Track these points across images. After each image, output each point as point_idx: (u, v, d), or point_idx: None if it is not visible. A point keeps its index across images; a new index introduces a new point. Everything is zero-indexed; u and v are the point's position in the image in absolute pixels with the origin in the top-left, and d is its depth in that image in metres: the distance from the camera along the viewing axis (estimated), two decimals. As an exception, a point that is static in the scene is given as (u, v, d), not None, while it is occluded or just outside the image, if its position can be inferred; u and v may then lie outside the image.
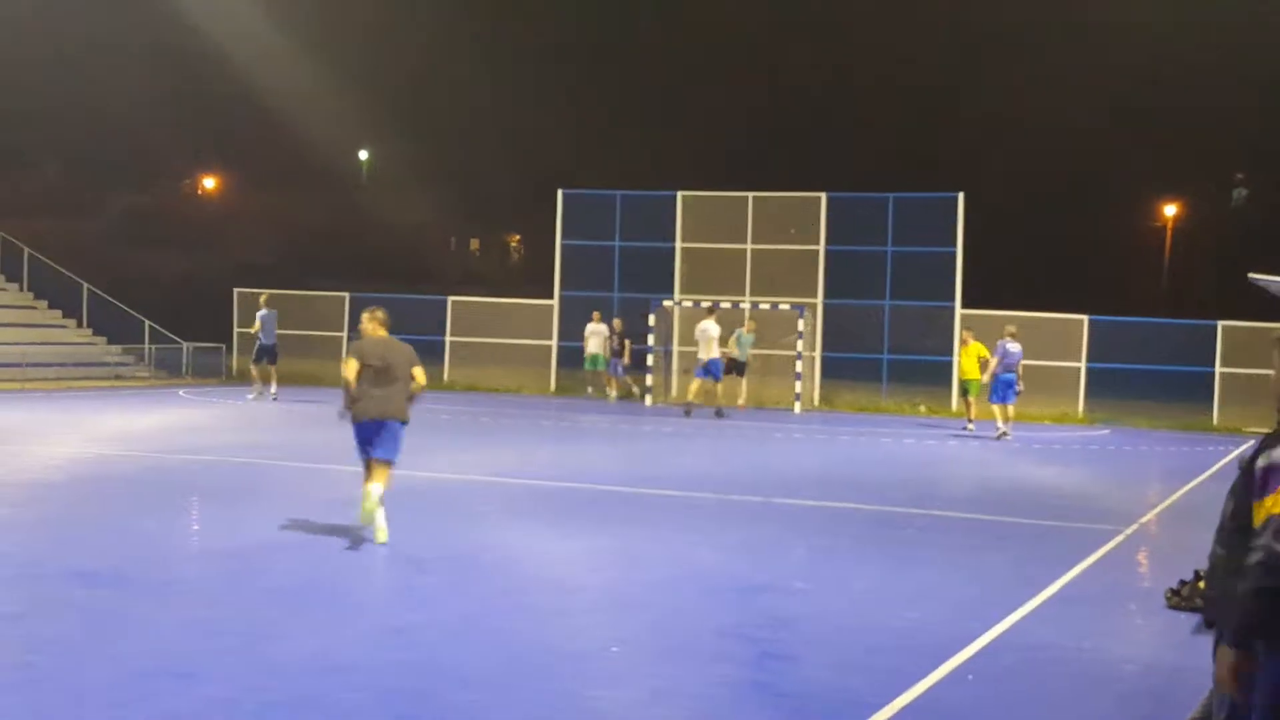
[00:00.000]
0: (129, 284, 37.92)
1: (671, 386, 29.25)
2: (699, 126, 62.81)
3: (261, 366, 25.91)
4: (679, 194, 29.83)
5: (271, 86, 52.31)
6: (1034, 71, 55.43)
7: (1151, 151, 55.82)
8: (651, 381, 28.61)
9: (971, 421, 23.08)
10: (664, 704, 6.47)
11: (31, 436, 17.93)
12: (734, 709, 6.48)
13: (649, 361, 28.69)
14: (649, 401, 28.33)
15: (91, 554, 9.81)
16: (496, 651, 7.31)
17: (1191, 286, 52.31)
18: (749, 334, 27.22)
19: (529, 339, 30.68)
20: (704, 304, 27.49)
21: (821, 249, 28.67)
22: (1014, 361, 21.86)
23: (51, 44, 52.56)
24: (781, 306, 28.15)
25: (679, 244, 29.60)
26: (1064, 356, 27.04)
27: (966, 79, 57.32)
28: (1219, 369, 26.67)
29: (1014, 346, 21.98)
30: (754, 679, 6.99)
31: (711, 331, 24.93)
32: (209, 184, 66.19)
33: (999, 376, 21.94)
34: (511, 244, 73.10)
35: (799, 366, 27.57)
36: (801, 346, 27.73)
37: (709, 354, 24.77)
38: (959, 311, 27.46)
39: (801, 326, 27.78)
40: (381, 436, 10.27)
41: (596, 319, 28.98)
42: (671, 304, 29.22)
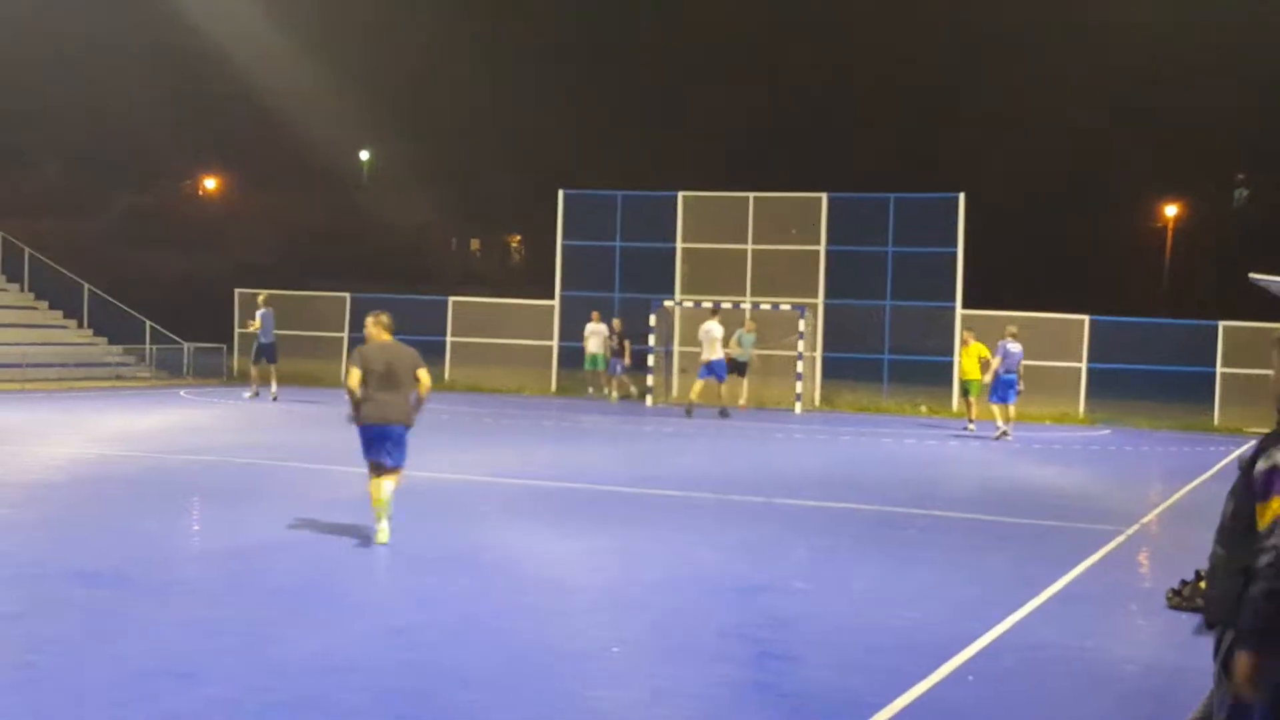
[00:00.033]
0: (130, 284, 37.91)
1: (672, 387, 29.25)
2: (699, 126, 62.83)
3: (261, 366, 25.91)
4: (680, 194, 29.83)
5: (271, 86, 52.32)
6: (1034, 71, 55.42)
7: (1152, 151, 55.80)
8: (652, 382, 28.60)
9: (972, 422, 23.10)
10: (664, 704, 6.47)
11: (32, 437, 17.94)
12: (734, 709, 6.48)
13: (650, 362, 28.69)
14: (650, 402, 28.32)
15: (92, 554, 9.82)
16: (497, 651, 7.31)
17: (1192, 286, 52.29)
18: (749, 333, 27.24)
19: (530, 339, 30.68)
20: (705, 305, 27.50)
21: (822, 249, 28.67)
22: (1014, 362, 21.88)
23: (51, 44, 52.57)
24: (782, 307, 28.14)
25: (680, 244, 29.60)
26: (1065, 357, 27.03)
27: (966, 79, 57.31)
28: (1220, 369, 26.66)
29: (1015, 347, 21.99)
30: (754, 679, 6.99)
31: (715, 332, 24.94)
32: (209, 184, 66.16)
33: (1000, 376, 21.95)
34: (512, 244, 73.06)
35: (800, 367, 27.55)
36: (802, 347, 27.71)
37: (712, 355, 24.79)
38: (960, 312, 27.45)
39: (802, 327, 27.77)
40: (387, 444, 10.39)
41: (596, 319, 28.99)
42: (672, 304, 29.22)
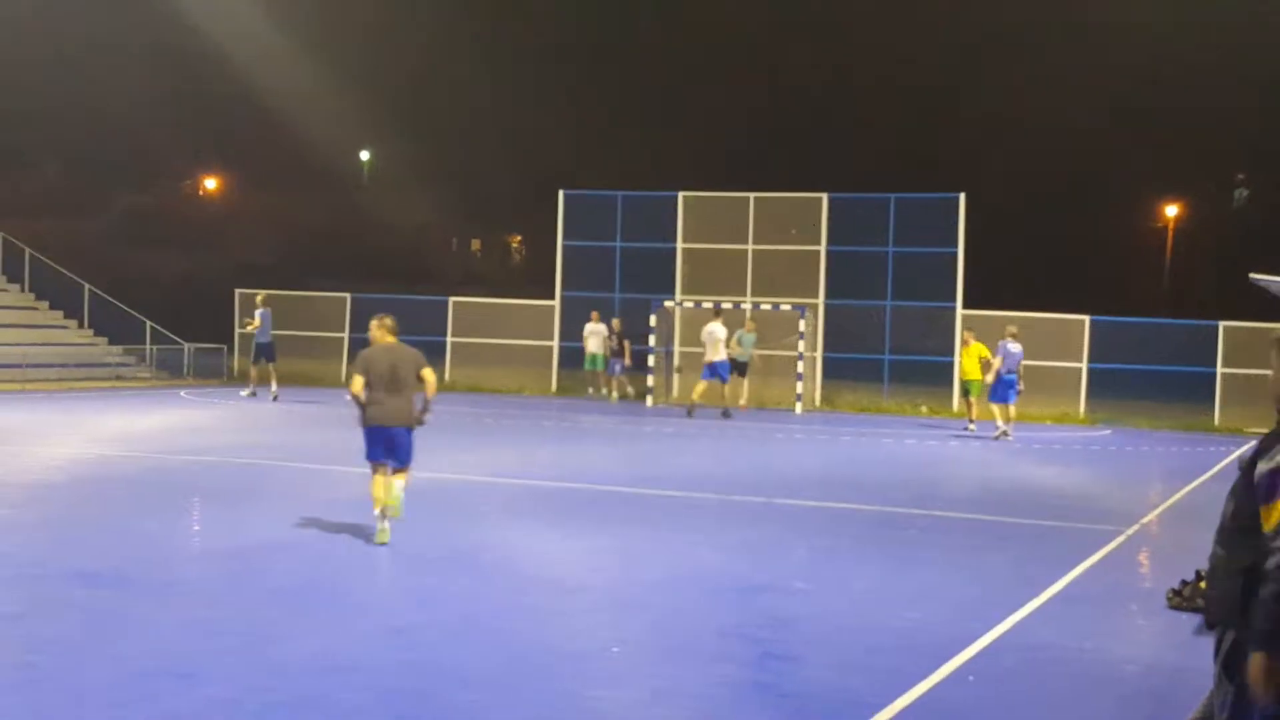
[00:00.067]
0: (130, 284, 37.89)
1: (673, 387, 29.24)
2: (699, 126, 62.81)
3: (260, 366, 25.91)
4: (680, 194, 29.82)
5: (271, 86, 52.30)
6: (1034, 71, 55.40)
7: (1152, 151, 55.78)
8: (652, 382, 28.60)
9: (973, 422, 23.10)
10: (665, 704, 6.47)
11: (33, 437, 17.95)
12: (735, 709, 6.48)
13: (650, 362, 28.68)
14: (650, 402, 28.31)
15: (93, 554, 9.82)
16: (497, 651, 7.31)
17: (1192, 287, 52.28)
18: (750, 333, 27.23)
19: (530, 339, 30.67)
20: (705, 305, 27.50)
21: (823, 249, 28.66)
22: (1015, 362, 21.88)
23: (51, 44, 52.54)
24: (783, 307, 28.13)
25: (680, 244, 29.59)
26: (1065, 357, 27.03)
27: (966, 79, 57.30)
28: (1220, 369, 26.66)
29: (1015, 347, 21.99)
30: (755, 679, 6.99)
31: (719, 334, 24.95)
32: (210, 184, 66.14)
33: (1000, 376, 21.95)
34: (513, 245, 73.06)
35: (800, 367, 27.53)
36: (803, 347, 27.69)
37: (716, 356, 24.80)
38: (960, 312, 27.45)
39: (803, 327, 27.76)
40: (392, 446, 10.51)
41: (595, 319, 28.99)
42: (673, 304, 29.21)
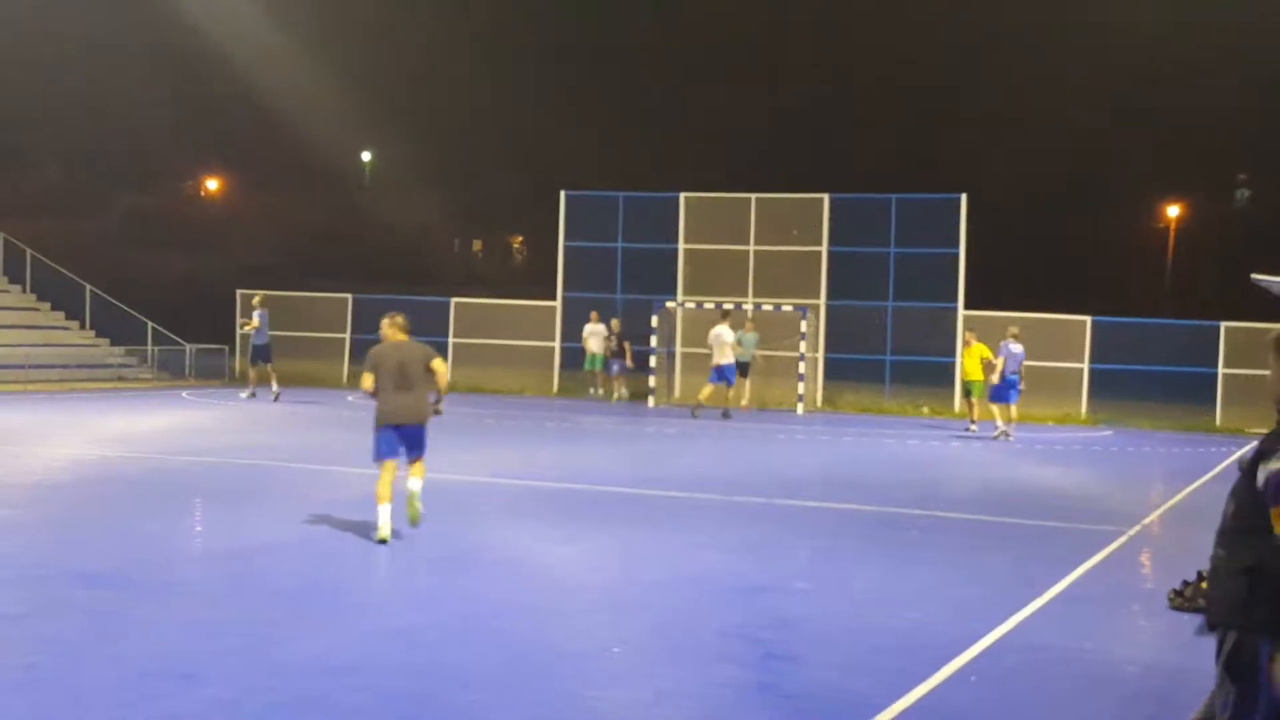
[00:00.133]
0: (131, 285, 37.88)
1: (674, 388, 29.23)
2: (700, 127, 62.76)
3: (259, 368, 25.92)
4: (681, 195, 29.82)
5: (272, 86, 52.27)
6: (1034, 71, 55.37)
7: (1152, 151, 55.73)
8: (654, 383, 28.59)
9: (974, 422, 23.11)
10: (667, 704, 6.47)
11: (34, 438, 17.95)
12: (737, 709, 6.48)
13: (651, 363, 28.68)
14: (651, 403, 28.31)
15: (94, 555, 9.82)
16: (498, 652, 7.31)
17: (1194, 287, 52.24)
18: (750, 334, 27.24)
19: (532, 340, 30.66)
20: (707, 306, 27.50)
21: (824, 250, 28.66)
22: (1016, 363, 21.88)
23: (51, 44, 52.49)
24: (784, 308, 28.12)
25: (682, 245, 29.59)
26: (1066, 357, 27.02)
27: (966, 79, 57.24)
28: (1222, 370, 26.66)
29: (1016, 347, 21.98)
30: (757, 680, 6.99)
31: (725, 336, 24.96)
32: (211, 185, 66.13)
33: (1003, 376, 21.94)
34: (514, 245, 73.05)
35: (802, 368, 27.52)
36: (804, 348, 27.68)
37: (722, 359, 24.81)
38: (962, 312, 27.46)
39: (804, 328, 27.75)
40: (404, 442, 10.66)
41: (595, 319, 28.99)
42: (674, 305, 29.21)
